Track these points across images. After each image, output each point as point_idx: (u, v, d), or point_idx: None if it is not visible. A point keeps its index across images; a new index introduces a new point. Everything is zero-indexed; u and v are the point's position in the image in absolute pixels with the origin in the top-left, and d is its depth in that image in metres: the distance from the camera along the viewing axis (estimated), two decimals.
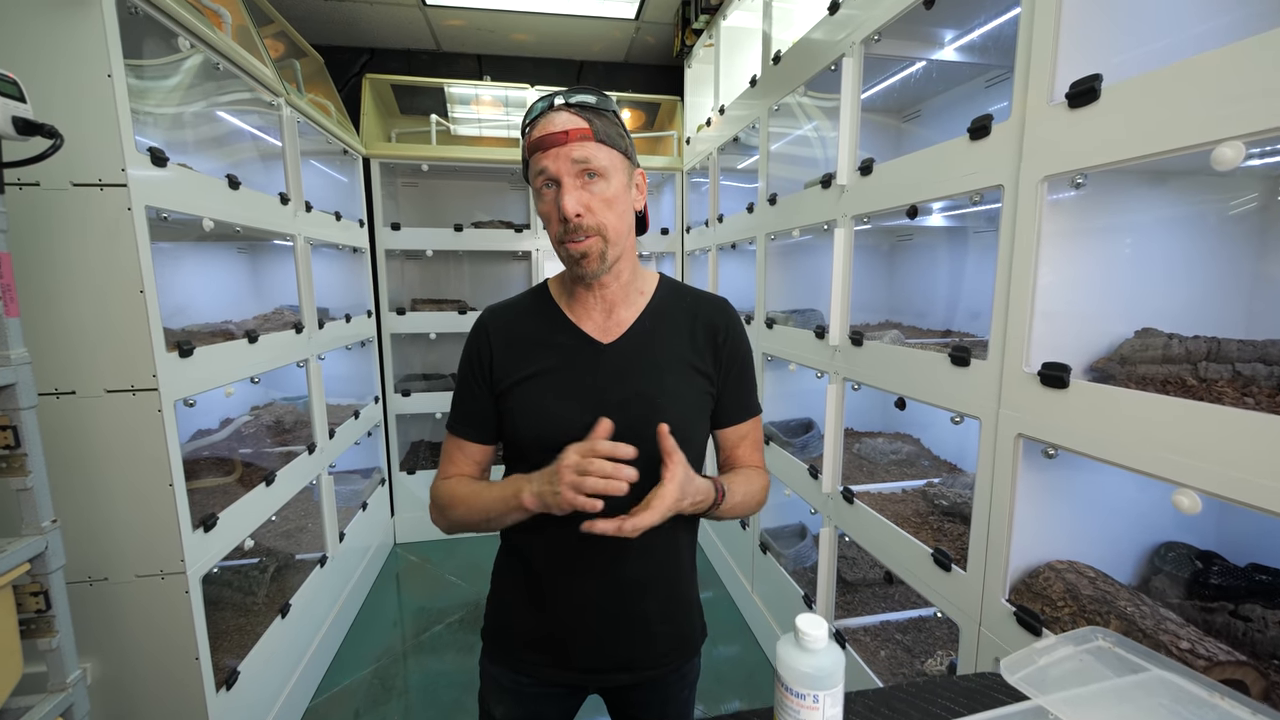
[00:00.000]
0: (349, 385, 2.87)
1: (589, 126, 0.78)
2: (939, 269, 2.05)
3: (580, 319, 0.88)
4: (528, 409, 0.84)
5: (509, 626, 0.92)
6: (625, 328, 0.88)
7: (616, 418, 0.81)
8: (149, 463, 1.25)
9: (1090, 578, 1.07)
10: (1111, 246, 1.05)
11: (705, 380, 0.89)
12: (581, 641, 0.87)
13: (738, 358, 0.92)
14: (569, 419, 0.82)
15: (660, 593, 0.89)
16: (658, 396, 0.84)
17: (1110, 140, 0.88)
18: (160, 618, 1.32)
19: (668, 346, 0.88)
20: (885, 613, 1.82)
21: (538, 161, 0.79)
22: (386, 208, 2.98)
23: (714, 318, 0.91)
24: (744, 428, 0.94)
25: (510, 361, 0.86)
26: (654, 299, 0.91)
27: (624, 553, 0.85)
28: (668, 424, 0.83)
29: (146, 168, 1.23)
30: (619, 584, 0.86)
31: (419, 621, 2.48)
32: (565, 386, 0.84)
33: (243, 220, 1.64)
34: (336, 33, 3.04)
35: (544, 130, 0.78)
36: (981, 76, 1.73)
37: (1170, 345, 0.99)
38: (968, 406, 1.19)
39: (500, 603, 0.94)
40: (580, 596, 0.86)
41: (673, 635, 0.92)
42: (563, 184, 0.77)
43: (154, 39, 1.35)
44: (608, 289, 0.87)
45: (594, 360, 0.86)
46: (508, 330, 0.89)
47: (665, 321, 0.89)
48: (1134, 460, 0.86)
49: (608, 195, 0.80)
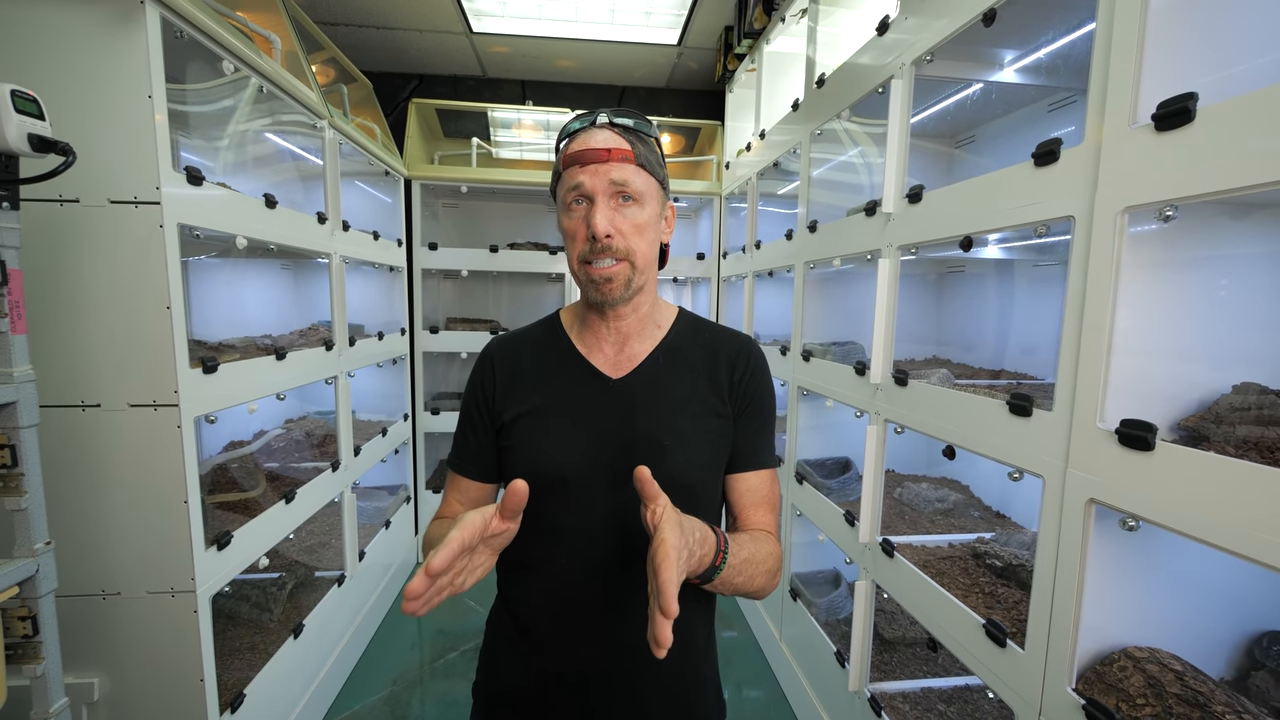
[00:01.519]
0: (380, 401, 2.90)
1: (630, 149, 0.74)
2: (991, 302, 1.91)
3: (590, 352, 0.82)
4: (526, 446, 0.78)
5: (499, 687, 0.84)
6: (637, 363, 0.81)
7: (620, 461, 0.74)
8: (165, 478, 1.25)
9: (1177, 672, 0.92)
10: (1202, 288, 0.92)
11: (722, 423, 0.81)
12: (574, 711, 0.79)
13: (756, 395, 0.83)
14: (567, 458, 0.76)
15: (663, 668, 0.78)
16: (666, 439, 0.77)
17: (1208, 168, 0.76)
18: (168, 636, 1.30)
19: (681, 385, 0.80)
20: (928, 678, 1.65)
21: (573, 176, 0.74)
22: (426, 228, 3.03)
23: (734, 354, 0.83)
24: (757, 479, 0.83)
25: (512, 395, 0.80)
26: (670, 334, 0.84)
27: (626, 615, 0.76)
28: (677, 468, 0.75)
29: (181, 186, 1.25)
30: (619, 651, 0.77)
31: (436, 646, 2.42)
32: (568, 425, 0.78)
33: (277, 239, 1.66)
34: (387, 60, 3.14)
35: (584, 145, 0.74)
36: (1044, 100, 1.61)
37: (1277, 404, 0.85)
38: (1029, 462, 1.06)
39: (492, 659, 0.86)
40: (575, 659, 0.78)
41: (676, 717, 0.81)
42: (596, 202, 0.73)
43: (199, 61, 1.39)
44: (624, 320, 0.81)
45: (600, 397, 0.79)
46: (513, 361, 0.83)
47: (681, 358, 0.82)
48: (1237, 544, 0.73)
49: (640, 220, 0.75)
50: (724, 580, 0.70)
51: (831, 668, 1.76)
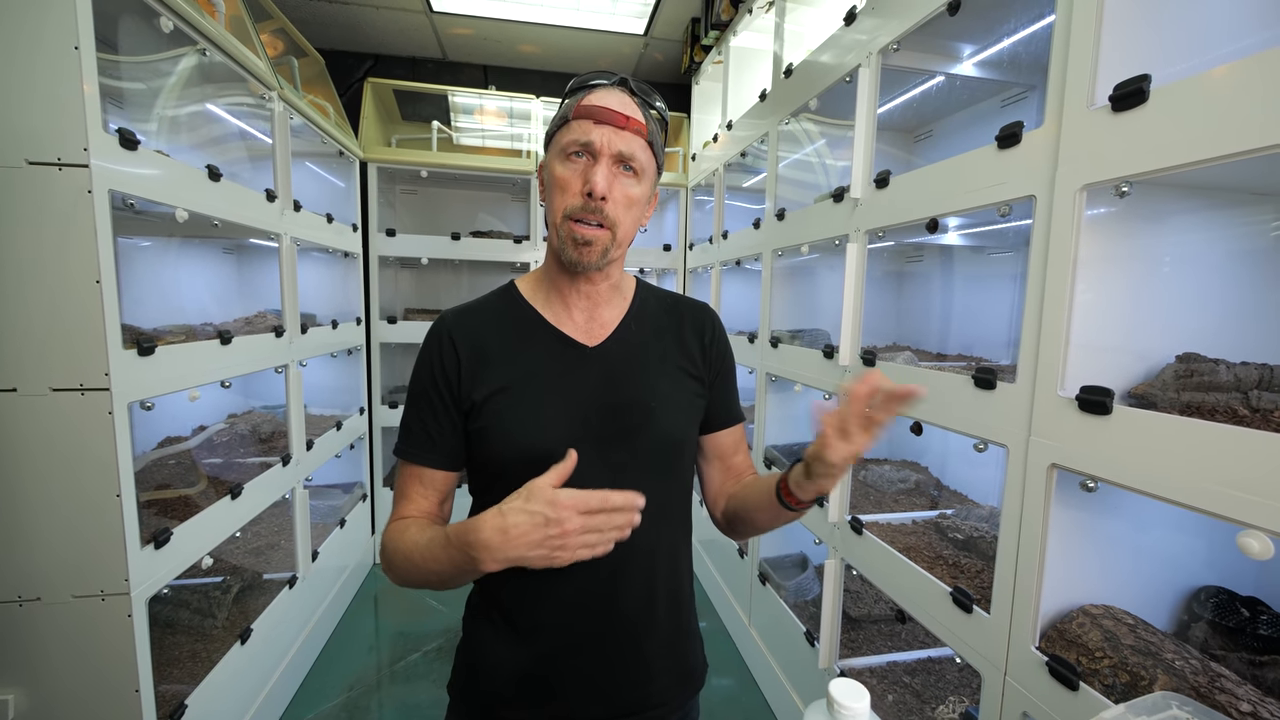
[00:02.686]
0: (333, 395, 2.76)
1: (645, 124, 0.74)
2: (947, 291, 1.98)
3: (560, 320, 0.80)
4: (505, 423, 0.74)
5: (487, 675, 0.79)
6: (610, 329, 0.81)
7: (609, 426, 0.74)
8: (95, 470, 1.14)
9: (1130, 625, 0.97)
10: (1150, 264, 0.98)
11: (697, 384, 0.83)
12: (574, 687, 0.76)
13: (724, 359, 0.88)
14: (553, 432, 0.73)
15: (662, 624, 0.79)
16: (652, 402, 0.77)
17: (1161, 145, 0.81)
18: (98, 644, 1.19)
19: (657, 349, 0.82)
20: (892, 652, 1.70)
21: (584, 129, 0.71)
22: (383, 213, 2.91)
23: (699, 318, 0.87)
24: (736, 432, 0.89)
25: (481, 372, 0.76)
26: (635, 301, 0.85)
27: (620, 581, 0.75)
28: (662, 429, 0.78)
29: (114, 149, 1.14)
30: (616, 617, 0.76)
31: (395, 649, 2.32)
32: (548, 396, 0.75)
33: (222, 214, 1.55)
34: (341, 37, 3.00)
35: (602, 102, 0.72)
36: (997, 96, 1.68)
37: (1218, 371, 0.91)
38: (994, 433, 1.10)
39: (475, 648, 0.81)
40: (571, 635, 0.75)
41: (674, 670, 0.81)
42: (599, 161, 0.71)
43: (134, 18, 1.28)
44: (596, 286, 0.80)
45: (580, 365, 0.77)
46: (475, 336, 0.78)
47: (650, 324, 0.84)
48: (1191, 497, 0.77)
49: (633, 195, 0.74)
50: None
51: (802, 648, 1.79)
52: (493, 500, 0.74)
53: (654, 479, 0.76)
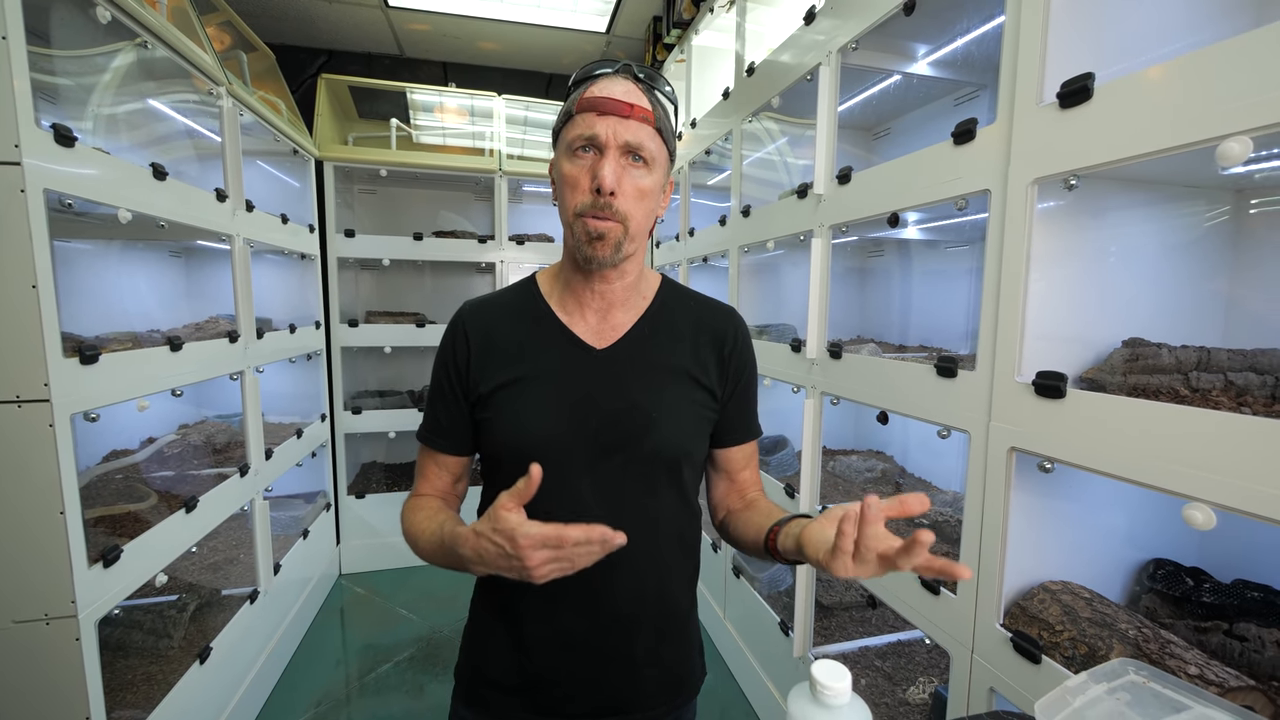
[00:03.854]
0: (293, 402, 2.66)
1: (651, 110, 0.71)
2: (907, 286, 2.04)
3: (572, 320, 0.78)
4: (507, 420, 0.74)
5: (486, 665, 0.80)
6: (621, 333, 0.79)
7: (609, 432, 0.73)
8: (36, 486, 1.07)
9: (1086, 599, 1.02)
10: (1097, 255, 1.03)
11: (707, 395, 0.80)
12: (566, 684, 0.77)
13: (745, 371, 0.84)
14: (551, 431, 0.73)
15: (652, 629, 0.79)
16: (653, 410, 0.75)
17: (1105, 140, 0.85)
18: (43, 671, 1.12)
19: (667, 355, 0.79)
20: (864, 638, 1.75)
21: (588, 123, 0.69)
22: (341, 214, 2.82)
23: (720, 326, 0.83)
24: (749, 449, 0.86)
25: (490, 365, 0.76)
26: (654, 303, 0.82)
27: (611, 585, 0.75)
28: (663, 440, 0.75)
29: (48, 147, 1.07)
30: (607, 619, 0.76)
31: (365, 661, 2.26)
32: (550, 395, 0.74)
33: (169, 215, 1.48)
34: (292, 31, 2.90)
35: (606, 92, 0.69)
36: (951, 95, 1.74)
37: (1160, 355, 0.96)
38: (956, 419, 1.14)
39: (477, 638, 0.82)
40: (565, 634, 0.76)
41: (664, 677, 0.81)
42: (606, 155, 0.69)
43: (68, 7, 1.21)
44: (610, 286, 0.77)
45: (585, 367, 0.76)
46: (488, 329, 0.78)
47: (666, 328, 0.81)
48: (1140, 473, 0.81)
49: (644, 186, 0.71)
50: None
51: (776, 638, 1.82)
52: (497, 487, 0.75)
53: (651, 488, 0.76)
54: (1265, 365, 0.91)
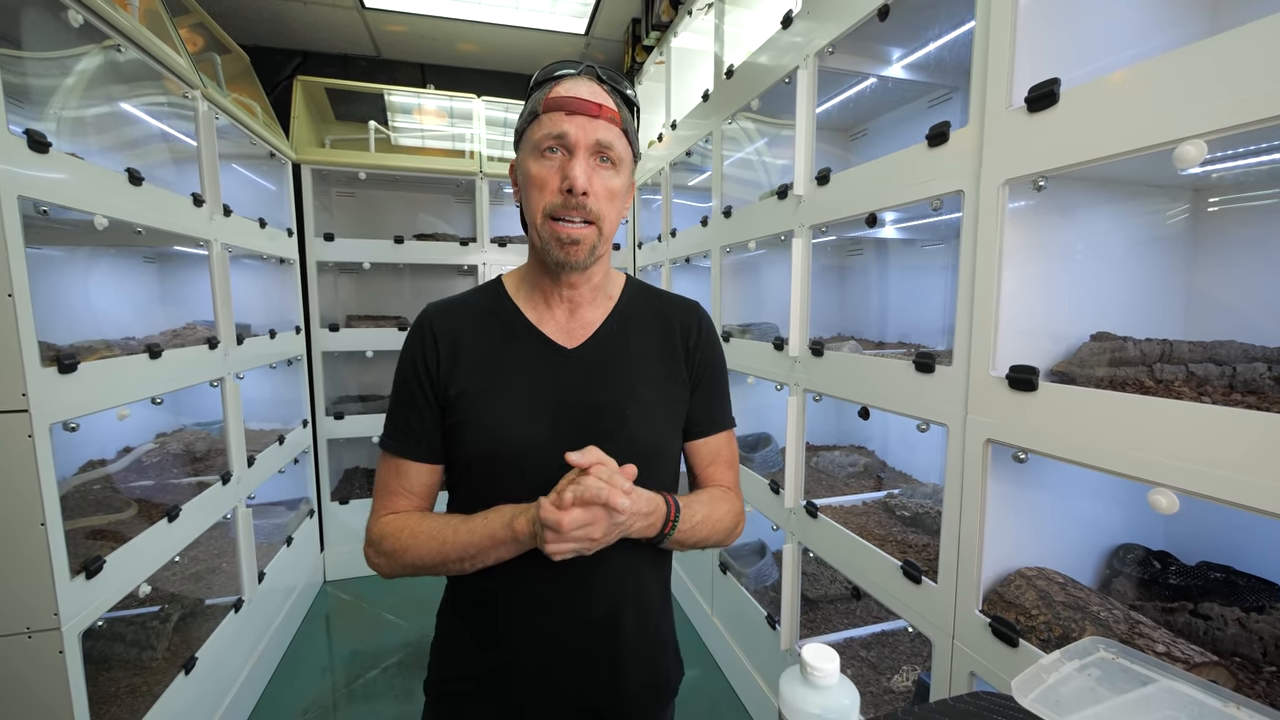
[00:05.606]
0: (273, 409, 2.62)
1: (618, 111, 0.72)
2: (885, 284, 2.09)
3: (540, 319, 0.79)
4: (478, 422, 0.74)
5: (459, 674, 0.79)
6: (590, 331, 0.80)
7: (581, 431, 0.73)
8: (15, 498, 1.05)
9: (1060, 584, 1.06)
10: (1066, 253, 1.07)
11: (677, 388, 0.82)
12: (541, 687, 0.76)
13: (709, 363, 0.85)
14: (525, 434, 0.73)
15: (629, 632, 0.79)
16: (626, 407, 0.76)
17: (1071, 143, 0.89)
18: (26, 685, 1.10)
19: (637, 352, 0.80)
20: (849, 629, 1.78)
21: (556, 122, 0.69)
22: (319, 218, 2.78)
23: (685, 320, 0.84)
24: (716, 442, 0.86)
25: (458, 367, 0.75)
26: (621, 301, 0.83)
27: (588, 587, 0.76)
28: (637, 436, 0.76)
29: (22, 152, 1.05)
30: (583, 622, 0.76)
31: (352, 667, 2.24)
32: (523, 396, 0.75)
33: (146, 221, 1.45)
34: (266, 33, 2.85)
35: (572, 92, 0.69)
36: (925, 97, 1.78)
37: (1126, 348, 1.01)
38: (934, 413, 1.17)
39: (448, 647, 0.81)
40: (539, 636, 0.76)
41: (644, 679, 0.81)
42: (576, 155, 0.69)
43: (38, 9, 1.18)
44: (577, 289, 0.79)
45: (556, 368, 0.77)
46: (455, 330, 0.77)
47: (633, 325, 0.82)
48: (1107, 461, 0.85)
49: (614, 186, 0.72)
50: (677, 541, 0.75)
51: (763, 632, 1.85)
52: (467, 492, 0.74)
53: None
54: (1224, 356, 0.96)
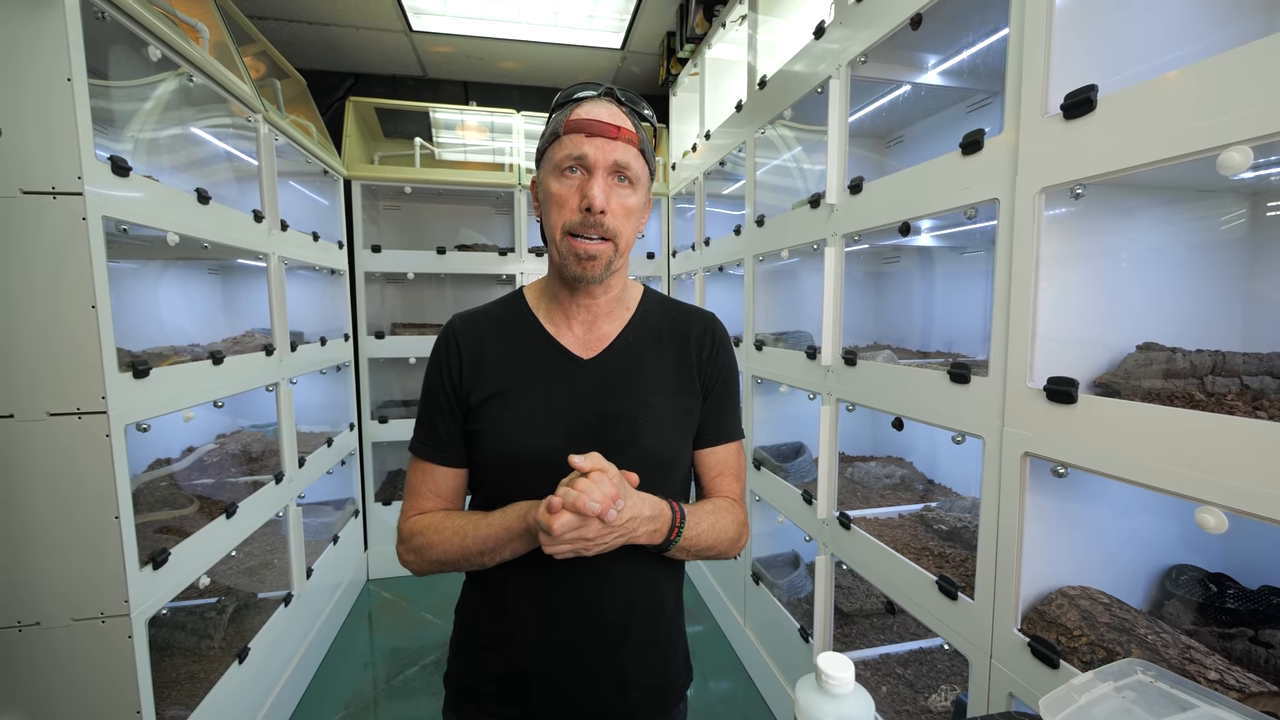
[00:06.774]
0: (323, 412, 2.76)
1: (635, 132, 0.75)
2: (925, 291, 2.05)
3: (559, 331, 0.82)
4: (497, 429, 0.77)
5: (474, 673, 0.83)
6: (607, 342, 0.82)
7: (595, 440, 0.75)
8: (93, 493, 1.15)
9: (1105, 604, 1.02)
10: (1109, 260, 1.03)
11: (690, 399, 0.83)
12: (549, 691, 0.79)
13: (721, 374, 0.86)
14: (541, 442, 0.76)
15: (639, 639, 0.81)
16: (640, 417, 0.78)
17: (1109, 150, 0.86)
18: (98, 666, 1.19)
19: (652, 363, 0.82)
20: (885, 645, 1.74)
21: (576, 144, 0.72)
22: (367, 230, 2.92)
23: (699, 331, 0.86)
24: (724, 453, 0.87)
25: (480, 376, 0.79)
26: (638, 312, 0.86)
27: (599, 594, 0.78)
28: (650, 446, 0.78)
29: (106, 177, 1.16)
30: (594, 628, 0.78)
31: (392, 664, 2.32)
32: (540, 405, 0.77)
33: (212, 236, 1.57)
34: (321, 57, 3.03)
35: (592, 114, 0.73)
36: (963, 102, 1.75)
37: (1175, 359, 0.97)
38: (969, 425, 1.15)
39: (464, 647, 0.85)
40: (550, 641, 0.78)
41: (650, 685, 0.83)
42: (595, 175, 0.72)
43: (123, 47, 1.30)
44: (595, 300, 0.81)
45: (572, 377, 0.79)
46: (478, 340, 0.81)
47: (650, 337, 0.84)
48: (1151, 477, 0.82)
49: (630, 205, 0.75)
50: (682, 549, 0.76)
51: (796, 645, 1.82)
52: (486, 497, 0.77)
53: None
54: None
